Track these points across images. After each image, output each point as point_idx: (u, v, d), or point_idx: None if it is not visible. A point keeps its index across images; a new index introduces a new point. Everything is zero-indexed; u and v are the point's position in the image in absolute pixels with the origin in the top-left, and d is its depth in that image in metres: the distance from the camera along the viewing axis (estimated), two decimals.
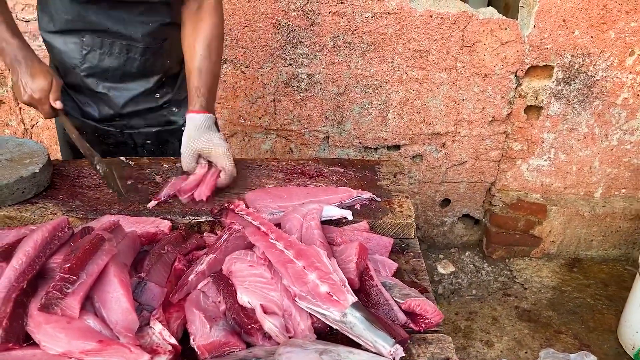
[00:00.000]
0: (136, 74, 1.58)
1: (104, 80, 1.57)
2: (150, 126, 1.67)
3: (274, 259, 1.07)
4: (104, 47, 1.52)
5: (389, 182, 1.50)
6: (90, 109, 1.62)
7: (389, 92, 2.61)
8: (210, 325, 1.01)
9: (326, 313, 1.00)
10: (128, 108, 1.61)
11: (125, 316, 0.92)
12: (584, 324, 2.64)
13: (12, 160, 1.39)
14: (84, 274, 0.91)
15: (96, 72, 1.55)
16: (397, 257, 1.26)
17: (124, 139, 1.67)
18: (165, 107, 1.67)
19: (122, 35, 1.51)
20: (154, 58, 1.58)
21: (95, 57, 1.52)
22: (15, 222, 1.30)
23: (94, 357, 0.87)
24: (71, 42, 1.52)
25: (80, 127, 1.64)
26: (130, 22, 1.50)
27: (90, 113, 1.62)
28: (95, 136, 1.65)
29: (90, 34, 1.50)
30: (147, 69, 1.59)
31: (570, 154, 2.76)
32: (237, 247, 1.15)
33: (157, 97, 1.65)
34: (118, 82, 1.58)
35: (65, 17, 1.48)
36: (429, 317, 1.07)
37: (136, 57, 1.55)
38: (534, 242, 3.03)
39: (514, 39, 2.47)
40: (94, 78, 1.56)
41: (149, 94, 1.63)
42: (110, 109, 1.61)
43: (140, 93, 1.61)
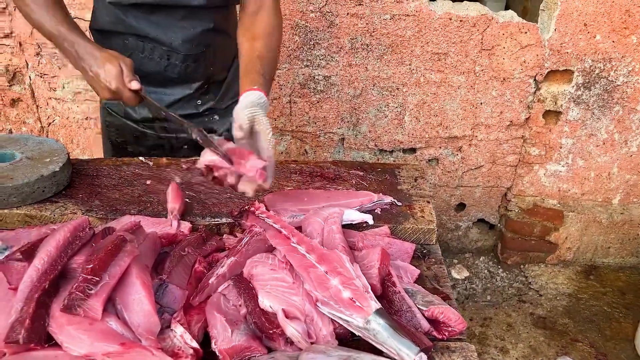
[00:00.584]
0: (177, 80, 1.57)
1: (145, 84, 1.53)
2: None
3: (296, 263, 1.06)
4: (146, 52, 1.52)
5: (410, 187, 1.48)
6: (132, 110, 1.62)
7: (406, 95, 2.59)
8: (232, 329, 1.00)
9: (349, 319, 0.98)
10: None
11: (147, 318, 0.91)
12: (601, 333, 2.60)
13: (33, 159, 1.40)
14: (107, 275, 0.90)
15: (138, 74, 1.51)
16: (418, 263, 1.24)
17: (162, 142, 1.67)
18: (206, 115, 1.66)
19: (162, 41, 1.50)
20: (195, 65, 1.57)
21: (137, 60, 1.50)
22: (35, 221, 1.29)
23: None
24: (116, 42, 1.52)
25: (121, 126, 1.66)
26: (170, 27, 1.49)
27: (131, 114, 1.63)
28: (133, 137, 1.66)
29: (132, 37, 1.50)
30: (189, 75, 1.57)
31: (588, 159, 2.73)
32: (258, 250, 1.14)
33: (198, 104, 1.64)
34: (159, 87, 1.57)
35: (104, 19, 1.49)
36: (452, 325, 1.05)
37: (177, 63, 1.54)
38: (550, 248, 2.99)
39: (533, 42, 2.45)
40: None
41: (189, 100, 1.62)
42: (150, 112, 1.61)
43: (181, 99, 1.60)
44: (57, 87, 2.60)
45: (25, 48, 2.53)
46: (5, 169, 1.34)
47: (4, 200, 1.28)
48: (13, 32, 2.50)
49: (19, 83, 2.63)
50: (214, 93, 1.66)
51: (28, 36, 2.50)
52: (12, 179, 1.29)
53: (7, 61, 2.56)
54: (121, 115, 1.66)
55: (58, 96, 2.64)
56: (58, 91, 2.62)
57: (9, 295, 0.97)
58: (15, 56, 2.55)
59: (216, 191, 1.42)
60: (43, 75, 2.58)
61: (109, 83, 1.29)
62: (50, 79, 2.59)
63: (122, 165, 1.53)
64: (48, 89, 2.62)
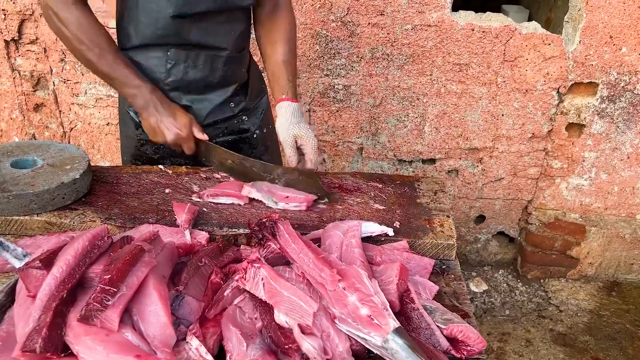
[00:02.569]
0: (217, 85, 1.60)
1: (187, 93, 1.58)
2: (226, 135, 1.68)
3: (314, 278, 1.05)
4: (189, 60, 1.53)
5: (429, 200, 1.46)
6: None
7: (427, 105, 2.57)
8: (247, 343, 0.99)
9: (367, 338, 0.97)
10: (210, 119, 1.62)
11: (163, 330, 0.91)
12: (623, 351, 2.54)
13: (54, 166, 1.41)
14: (124, 287, 0.90)
15: (180, 85, 1.56)
16: (437, 279, 1.22)
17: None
18: (239, 115, 1.69)
19: (208, 46, 1.52)
20: (234, 67, 1.61)
21: (180, 71, 1.53)
22: (55, 228, 1.30)
23: None
24: (154, 56, 1.52)
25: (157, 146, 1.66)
26: (215, 32, 1.52)
27: None
28: (171, 150, 1.63)
29: (176, 47, 1.51)
30: (228, 78, 1.61)
31: (612, 174, 2.67)
32: (274, 263, 1.13)
33: (232, 106, 1.66)
34: (201, 94, 1.59)
35: (151, 32, 1.48)
36: (471, 345, 1.02)
37: (219, 67, 1.56)
38: (571, 263, 2.93)
39: (557, 54, 2.41)
40: (178, 92, 1.57)
41: (225, 104, 1.64)
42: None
43: (220, 103, 1.62)
44: (79, 92, 2.64)
45: (49, 54, 2.57)
46: (26, 175, 1.35)
47: (24, 207, 1.29)
48: (38, 38, 2.54)
49: (43, 88, 2.67)
50: (244, 94, 1.69)
51: (53, 42, 2.54)
52: (33, 186, 1.31)
53: (32, 67, 2.60)
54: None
55: (80, 102, 2.67)
56: (81, 97, 2.65)
57: (27, 303, 0.97)
58: (40, 62, 2.59)
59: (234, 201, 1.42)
60: (66, 81, 2.62)
61: (180, 130, 1.48)
62: (73, 85, 2.63)
63: (141, 173, 1.54)
64: (71, 95, 2.65)
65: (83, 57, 1.47)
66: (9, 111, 2.73)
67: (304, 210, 1.38)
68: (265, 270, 1.04)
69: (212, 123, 1.64)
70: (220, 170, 1.56)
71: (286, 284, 1.04)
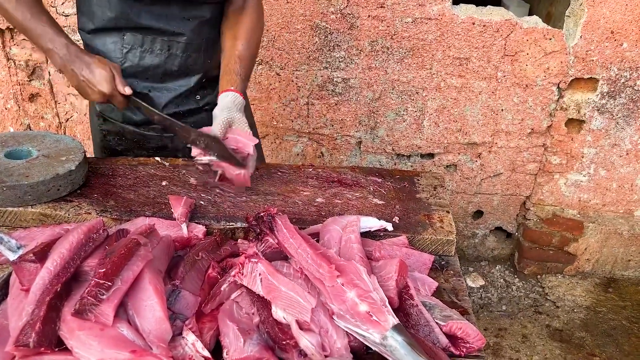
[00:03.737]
0: (177, 73, 1.56)
1: (144, 80, 1.54)
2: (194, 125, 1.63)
3: (312, 274, 1.04)
4: (145, 45, 1.50)
5: (429, 195, 1.45)
6: (131, 113, 1.59)
7: (426, 99, 2.55)
8: (244, 338, 0.97)
9: (365, 334, 0.95)
10: (169, 109, 1.58)
11: (159, 325, 0.89)
12: (619, 348, 2.54)
13: (49, 157, 1.39)
14: (119, 280, 0.88)
15: (137, 71, 1.52)
16: (436, 275, 1.21)
17: (164, 142, 1.65)
18: (205, 109, 1.64)
19: (164, 31, 1.50)
20: (195, 55, 1.56)
21: (136, 56, 1.51)
22: (50, 220, 1.29)
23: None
24: (110, 41, 1.50)
25: (120, 132, 1.63)
26: (172, 18, 1.49)
27: (131, 117, 1.60)
28: (134, 142, 1.63)
29: (131, 31, 1.49)
30: (189, 67, 1.57)
31: (611, 170, 2.66)
32: (272, 258, 1.11)
33: (197, 99, 1.63)
34: (159, 82, 1.56)
35: (107, 15, 1.46)
36: (470, 342, 1.02)
37: (177, 53, 1.53)
38: (568, 259, 2.93)
39: (558, 49, 2.39)
40: (134, 78, 1.53)
41: (189, 95, 1.60)
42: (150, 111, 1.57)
43: (181, 93, 1.58)
44: None
45: None
46: (21, 166, 1.33)
47: (19, 198, 1.27)
48: None
49: (38, 78, 2.64)
50: (211, 87, 1.64)
51: None
52: (27, 177, 1.29)
53: (27, 56, 2.57)
54: (119, 120, 1.61)
55: (76, 92, 2.64)
56: None
57: (21, 297, 0.95)
58: (35, 51, 2.56)
59: (231, 194, 1.40)
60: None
61: (102, 87, 1.38)
62: None
63: (137, 165, 1.52)
64: (67, 85, 2.63)
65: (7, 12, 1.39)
66: (4, 101, 2.70)
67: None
68: (263, 266, 1.03)
69: (174, 115, 1.56)
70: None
71: (284, 280, 1.03)
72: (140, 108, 1.47)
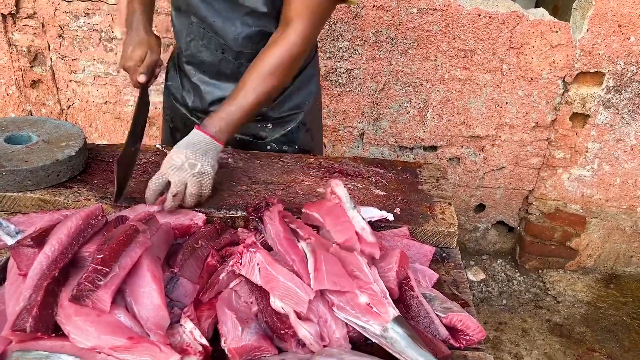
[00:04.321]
0: (230, 76, 1.50)
1: (200, 72, 1.53)
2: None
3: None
4: (204, 40, 1.47)
5: (431, 187, 1.43)
6: (187, 96, 1.59)
7: (430, 91, 2.53)
8: (243, 327, 0.97)
9: (365, 326, 0.95)
10: (215, 107, 1.50)
11: (157, 313, 0.89)
12: (619, 343, 2.54)
13: (49, 142, 1.38)
14: (117, 267, 0.88)
15: (194, 62, 1.52)
16: (437, 267, 1.20)
17: None
18: (257, 120, 1.58)
19: (218, 32, 1.44)
20: (248, 62, 1.41)
21: (196, 47, 1.48)
22: (49, 206, 1.28)
23: (123, 354, 0.84)
24: (182, 25, 1.50)
25: (174, 110, 1.64)
26: (231, 19, 1.42)
27: (186, 99, 1.60)
28: (183, 124, 1.62)
29: (197, 21, 1.45)
30: (241, 74, 1.42)
31: (615, 165, 2.64)
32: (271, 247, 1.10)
33: None
34: (213, 78, 1.53)
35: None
36: (470, 334, 1.01)
37: (230, 58, 1.48)
38: (570, 254, 2.92)
39: (564, 42, 2.37)
40: (192, 67, 1.53)
41: None
42: (200, 102, 1.57)
43: None
44: (77, 69, 2.60)
45: (47, 29, 2.52)
46: (21, 151, 1.32)
47: (18, 184, 1.27)
48: (36, 12, 2.49)
49: (40, 64, 2.63)
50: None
51: (50, 17, 2.49)
52: (27, 162, 1.28)
53: (30, 42, 2.56)
54: (177, 100, 1.63)
55: (78, 79, 2.63)
56: (79, 74, 2.61)
57: (18, 281, 0.95)
58: (37, 37, 2.54)
59: (232, 183, 1.39)
60: (64, 57, 2.57)
61: (127, 60, 1.42)
62: (71, 62, 2.58)
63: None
64: (69, 72, 2.61)
65: None
66: (6, 87, 2.69)
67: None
68: (261, 256, 1.02)
69: None
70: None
71: (282, 270, 1.02)
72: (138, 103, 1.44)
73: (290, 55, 1.32)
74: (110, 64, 2.56)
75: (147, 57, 1.41)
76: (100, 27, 2.48)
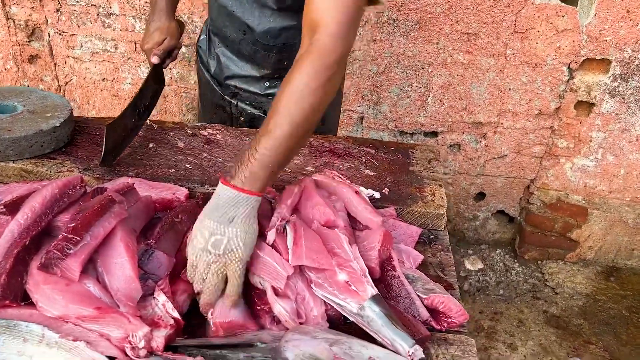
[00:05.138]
0: (248, 58, 1.51)
1: (223, 46, 1.55)
2: (250, 106, 1.59)
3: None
4: (228, 19, 1.47)
5: (423, 168, 1.40)
6: (210, 62, 1.61)
7: (431, 75, 2.49)
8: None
9: (343, 304, 0.92)
10: (232, 82, 1.57)
11: (128, 284, 0.87)
12: (617, 337, 2.50)
13: (34, 113, 1.36)
14: (89, 236, 0.86)
15: (219, 34, 1.54)
16: (423, 249, 1.17)
17: (224, 103, 1.62)
18: (270, 98, 1.56)
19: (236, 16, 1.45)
20: (264, 52, 1.47)
21: (222, 22, 1.49)
22: (31, 177, 1.26)
23: (90, 324, 0.82)
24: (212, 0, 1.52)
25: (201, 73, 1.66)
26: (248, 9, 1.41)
27: (209, 65, 1.62)
28: (208, 89, 1.65)
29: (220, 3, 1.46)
30: (258, 60, 1.50)
31: (619, 156, 2.59)
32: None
33: (266, 85, 1.55)
34: (233, 55, 1.54)
35: None
36: (452, 316, 0.98)
37: (249, 42, 1.47)
38: (571, 245, 2.88)
39: (570, 27, 2.31)
40: (217, 38, 1.56)
41: (258, 80, 1.55)
42: (219, 72, 1.59)
43: (248, 76, 1.55)
44: (75, 45, 2.57)
45: (45, 3, 2.49)
46: (4, 121, 1.30)
47: (1, 153, 1.25)
48: None
49: (37, 39, 2.60)
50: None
51: None
52: (10, 132, 1.26)
53: (27, 16, 2.53)
54: (202, 63, 1.65)
55: (76, 55, 2.60)
56: (76, 50, 2.59)
57: None
58: (35, 11, 2.51)
59: (219, 159, 1.37)
60: (62, 33, 2.55)
61: (146, 42, 1.49)
62: (68, 37, 2.55)
63: None
64: (66, 47, 2.59)
65: None
66: (3, 61, 2.67)
67: None
68: None
69: (236, 88, 1.57)
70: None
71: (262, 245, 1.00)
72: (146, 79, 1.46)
73: (323, 64, 1.00)
74: (108, 40, 2.53)
75: (165, 42, 1.48)
76: (98, 3, 2.45)
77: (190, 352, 0.85)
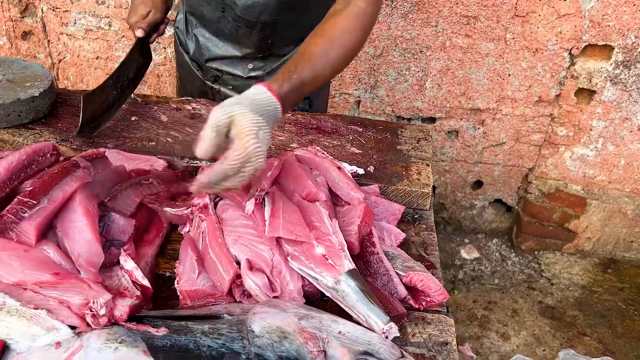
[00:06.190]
0: (228, 37, 1.46)
1: (201, 26, 1.49)
2: (234, 91, 1.53)
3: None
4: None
5: (411, 148, 1.36)
6: (189, 43, 1.55)
7: (430, 59, 2.44)
8: (200, 271, 0.92)
9: (318, 277, 0.89)
10: (213, 64, 1.52)
11: (89, 248, 0.83)
12: (612, 329, 2.46)
13: (13, 82, 1.32)
14: (46, 199, 0.82)
15: (195, 14, 1.49)
16: (407, 228, 1.14)
17: (206, 89, 1.57)
18: (252, 80, 1.49)
19: None
20: (247, 29, 1.41)
21: (196, 1, 1.45)
22: (7, 146, 1.23)
23: (49, 290, 0.79)
24: None
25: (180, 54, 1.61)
26: None
27: (188, 47, 1.56)
28: (186, 71, 1.60)
29: None
30: (239, 38, 1.44)
31: (620, 145, 2.54)
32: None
33: (249, 68, 1.50)
34: (212, 35, 1.48)
35: None
36: (431, 295, 0.95)
37: (229, 19, 1.41)
38: (568, 236, 2.83)
39: (572, 12, 2.25)
40: (193, 18, 1.51)
41: (239, 61, 1.49)
42: (199, 54, 1.53)
43: (229, 56, 1.49)
44: (69, 22, 2.53)
45: None
46: None
47: None
48: None
49: (31, 15, 2.56)
50: (269, 63, 1.49)
51: None
52: None
53: None
54: (181, 45, 1.59)
55: (70, 32, 2.56)
56: (70, 27, 2.55)
57: None
58: None
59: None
60: (55, 9, 2.51)
61: (130, 16, 1.43)
62: (62, 13, 2.51)
63: None
64: (60, 24, 2.55)
65: None
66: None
67: None
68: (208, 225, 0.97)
69: (216, 70, 1.52)
70: None
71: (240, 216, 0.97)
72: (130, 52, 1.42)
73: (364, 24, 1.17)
74: (102, 17, 2.49)
75: (150, 15, 1.42)
76: None
77: (154, 322, 0.82)
